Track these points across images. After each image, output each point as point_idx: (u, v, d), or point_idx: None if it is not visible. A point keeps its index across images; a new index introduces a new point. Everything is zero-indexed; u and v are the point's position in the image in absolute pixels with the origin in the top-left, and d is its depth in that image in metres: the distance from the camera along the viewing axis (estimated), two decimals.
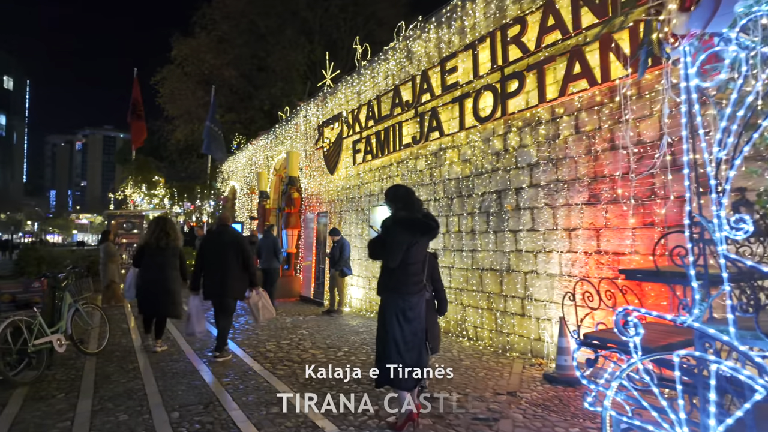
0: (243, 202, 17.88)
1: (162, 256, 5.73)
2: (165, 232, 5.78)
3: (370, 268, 8.91)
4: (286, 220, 11.55)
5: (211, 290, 5.47)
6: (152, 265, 5.71)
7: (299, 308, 9.51)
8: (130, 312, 8.81)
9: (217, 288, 5.43)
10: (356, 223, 9.50)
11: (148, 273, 5.71)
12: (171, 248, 5.80)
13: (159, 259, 5.72)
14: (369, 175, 9.09)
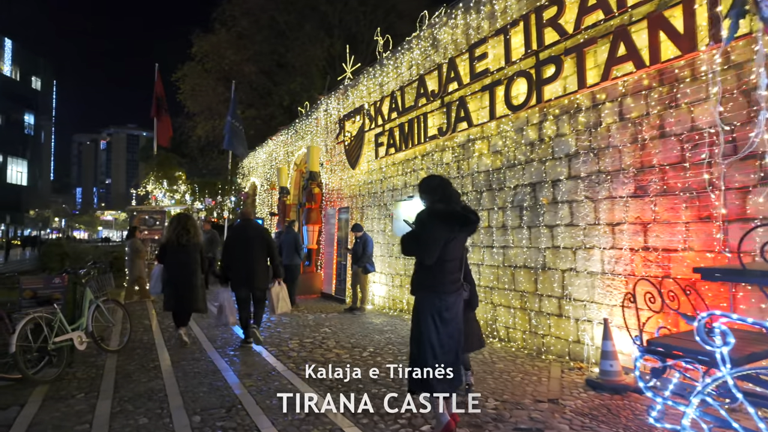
0: (263, 198, 17.82)
1: (184, 253, 5.77)
2: (185, 229, 5.81)
3: (393, 264, 8.65)
4: (307, 216, 11.36)
5: (238, 282, 5.72)
6: (175, 262, 5.75)
7: (321, 305, 9.31)
8: (153, 308, 8.76)
9: (244, 280, 5.68)
10: (378, 218, 9.25)
11: (172, 269, 5.76)
12: (192, 245, 5.82)
13: (181, 256, 5.76)
14: (392, 169, 8.81)
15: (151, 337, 6.33)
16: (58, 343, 4.52)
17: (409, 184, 8.25)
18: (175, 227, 5.82)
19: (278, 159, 15.97)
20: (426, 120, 7.66)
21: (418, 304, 3.16)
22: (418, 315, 3.14)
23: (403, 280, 8.29)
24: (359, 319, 7.70)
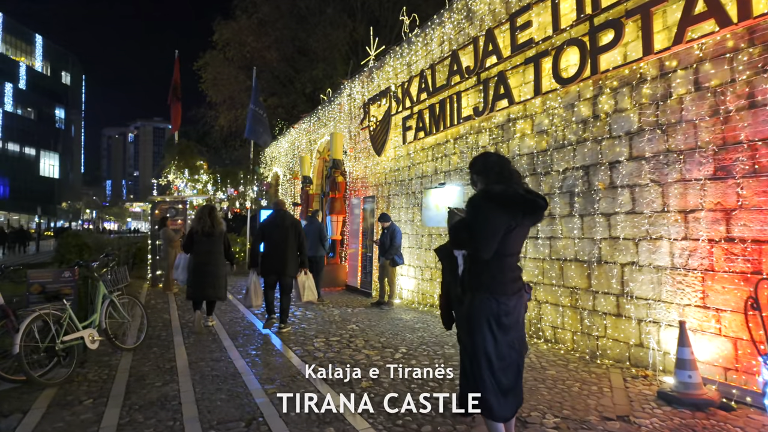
0: (286, 188, 17.50)
1: (209, 243, 5.97)
2: (210, 218, 6.00)
3: (422, 256, 8.11)
4: (331, 206, 10.91)
5: (270, 269, 6.00)
6: (200, 252, 5.96)
7: (346, 299, 8.87)
8: (174, 300, 8.48)
9: (278, 267, 5.96)
10: (406, 207, 8.71)
11: (197, 258, 5.96)
12: (216, 235, 6.02)
13: (206, 246, 5.96)
14: (421, 155, 8.23)
15: (170, 333, 5.99)
16: (67, 342, 4.17)
17: (440, 171, 7.67)
18: (200, 217, 6.03)
19: (300, 148, 15.57)
20: (460, 99, 7.04)
21: (471, 308, 2.62)
22: (470, 321, 2.60)
23: (434, 273, 7.75)
24: (387, 315, 7.21)
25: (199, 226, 5.95)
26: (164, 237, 9.61)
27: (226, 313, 7.33)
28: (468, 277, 2.69)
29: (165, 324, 6.56)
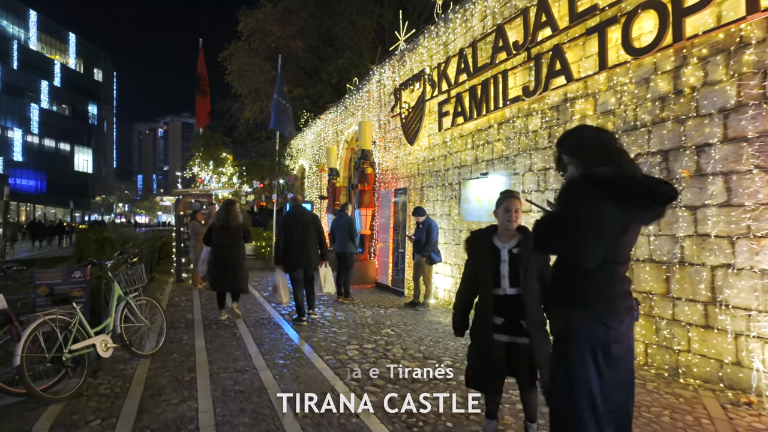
0: (312, 181, 17.08)
1: (226, 236, 6.16)
2: (226, 213, 6.21)
3: (460, 253, 7.45)
4: (359, 199, 10.35)
5: (296, 263, 6.11)
6: (218, 244, 6.18)
7: (377, 297, 8.32)
8: (199, 297, 8.11)
9: (302, 261, 6.12)
10: (442, 200, 8.05)
11: (215, 251, 6.21)
12: (233, 228, 6.18)
13: (224, 239, 6.17)
14: (459, 143, 7.55)
15: (192, 335, 5.55)
16: (76, 351, 3.75)
17: (481, 159, 6.98)
18: (219, 212, 6.35)
19: (327, 139, 15.06)
20: (506, 79, 6.33)
21: (567, 331, 1.98)
22: (566, 349, 1.97)
23: None
24: (424, 318, 6.61)
25: (217, 219, 6.28)
26: (191, 230, 9.30)
27: (252, 312, 6.88)
28: (560, 289, 2.05)
29: (188, 324, 6.14)
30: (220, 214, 6.25)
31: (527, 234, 2.73)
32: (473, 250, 2.77)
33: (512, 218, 2.68)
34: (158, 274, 11.19)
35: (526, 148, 6.03)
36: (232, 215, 6.15)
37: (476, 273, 2.71)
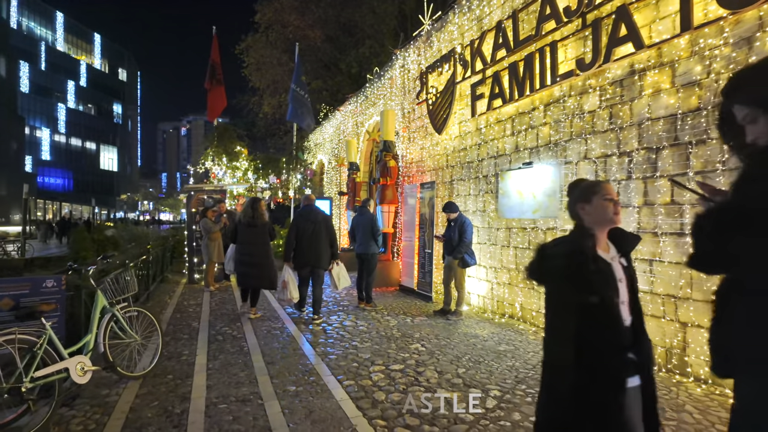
0: (331, 176, 16.37)
1: (252, 234, 6.21)
2: (253, 210, 6.23)
3: (497, 255, 6.59)
4: (381, 194, 9.55)
5: (305, 261, 6.12)
6: (244, 242, 6.23)
7: (402, 303, 7.52)
8: (210, 301, 7.46)
9: (311, 260, 6.11)
10: (475, 195, 7.18)
11: (241, 249, 6.27)
12: (259, 226, 6.20)
13: (249, 237, 6.22)
14: (496, 129, 6.67)
15: (194, 349, 4.86)
16: (40, 380, 3.06)
17: (523, 147, 6.09)
18: (245, 209, 6.33)
19: (346, 132, 14.31)
20: (555, 52, 5.42)
21: None
22: None
23: (513, 277, 6.22)
24: (458, 329, 5.78)
25: (244, 218, 6.23)
26: (203, 228, 8.67)
27: (265, 320, 6.17)
28: (753, 342, 1.21)
29: (191, 335, 5.46)
30: (247, 211, 6.26)
31: (625, 236, 1.89)
32: (582, 272, 1.69)
33: (618, 211, 1.83)
34: (171, 275, 10.66)
35: (581, 132, 5.12)
36: (258, 213, 6.21)
37: (584, 307, 1.74)
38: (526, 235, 5.97)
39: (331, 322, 6.11)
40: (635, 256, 4.41)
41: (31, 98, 59.00)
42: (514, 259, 6.22)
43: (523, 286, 6.02)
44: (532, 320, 5.87)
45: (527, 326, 5.86)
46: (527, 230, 5.94)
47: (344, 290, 8.58)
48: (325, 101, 18.55)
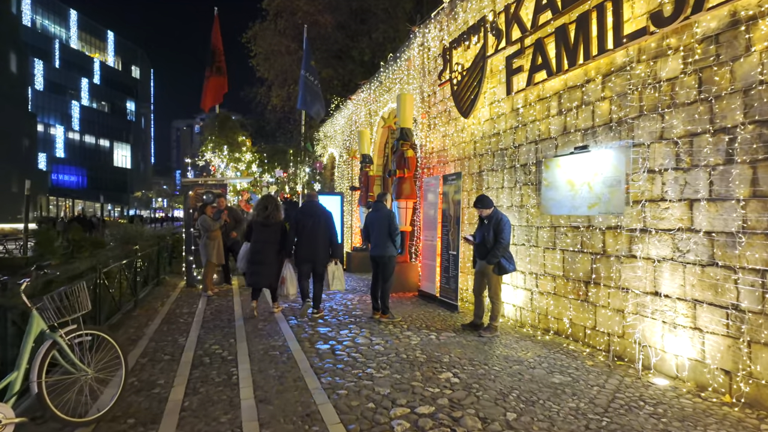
0: (342, 170, 15.40)
1: (266, 232, 6.12)
2: (268, 209, 6.13)
3: (538, 258, 5.54)
4: (398, 188, 8.52)
5: (304, 258, 6.07)
6: (257, 240, 6.14)
7: (423, 313, 6.52)
8: (205, 310, 6.55)
9: (311, 256, 6.05)
10: (509, 187, 6.14)
11: (254, 247, 6.16)
12: (273, 225, 6.13)
13: (263, 235, 6.13)
14: (538, 109, 5.60)
15: (171, 378, 3.92)
16: None
17: (574, 128, 5.02)
18: (259, 207, 6.25)
19: (359, 122, 13.31)
20: (618, 7, 4.33)
21: None
22: None
23: (561, 286, 5.17)
24: (495, 350, 4.76)
25: (259, 216, 6.15)
26: (202, 226, 7.78)
27: (263, 337, 5.23)
28: None
29: (174, 355, 4.53)
30: (260, 210, 6.20)
31: None
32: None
33: None
34: (169, 276, 9.82)
35: (654, 107, 4.04)
36: (273, 212, 6.15)
37: None
38: (578, 235, 4.90)
39: (341, 338, 5.13)
40: (737, 264, 3.35)
41: (46, 96, 59.21)
42: (561, 265, 5.16)
43: (574, 297, 4.96)
44: (585, 339, 4.82)
45: (579, 347, 4.81)
46: (580, 230, 4.88)
47: (356, 297, 7.65)
48: (336, 91, 17.56)
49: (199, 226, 7.84)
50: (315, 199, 6.37)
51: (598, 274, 4.65)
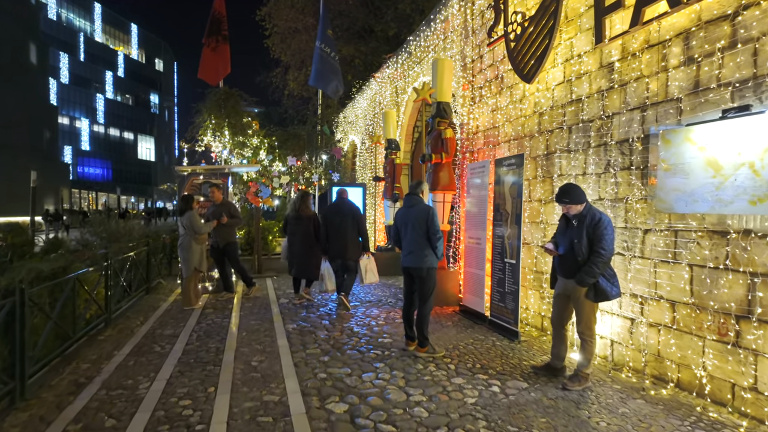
0: (364, 159, 13.85)
1: (298, 225, 6.49)
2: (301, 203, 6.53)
3: (643, 274, 3.85)
4: (434, 177, 6.85)
5: (335, 254, 6.28)
6: (291, 233, 6.58)
7: (472, 341, 4.94)
8: (187, 337, 5.12)
9: (341, 251, 6.24)
10: (596, 174, 4.45)
11: (289, 239, 6.62)
12: (304, 218, 6.46)
13: (296, 228, 6.51)
14: (646, 59, 3.88)
15: None
16: None
17: (715, 81, 3.29)
18: (294, 203, 6.66)
19: (384, 103, 11.70)
20: None
21: None
22: None
23: (686, 317, 3.48)
24: (596, 417, 3.13)
25: (291, 211, 6.61)
26: (188, 225, 6.33)
27: (254, 385, 3.73)
28: None
29: (117, 424, 3.07)
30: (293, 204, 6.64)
31: None
32: None
33: None
34: (166, 281, 8.50)
35: None
36: (304, 206, 6.52)
37: None
38: (724, 244, 3.21)
39: (363, 389, 3.59)
40: None
41: (71, 89, 59.57)
42: (688, 287, 3.47)
43: (714, 338, 3.27)
44: (738, 405, 3.13)
45: (728, 415, 3.13)
46: (728, 236, 3.18)
47: (382, 312, 6.12)
48: (357, 72, 15.97)
49: (182, 225, 6.35)
50: (345, 197, 6.53)
51: (763, 306, 2.96)
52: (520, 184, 5.11)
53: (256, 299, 7.03)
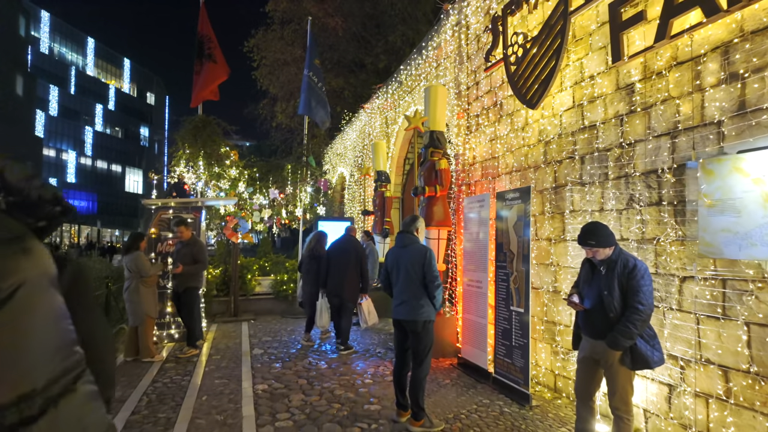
0: (353, 191, 13.27)
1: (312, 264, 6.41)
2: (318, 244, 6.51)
3: (680, 330, 3.18)
4: (427, 211, 6.23)
5: (332, 291, 6.16)
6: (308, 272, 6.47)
7: (475, 407, 4.17)
8: (134, 404, 4.28)
9: (338, 290, 6.10)
10: (616, 210, 3.84)
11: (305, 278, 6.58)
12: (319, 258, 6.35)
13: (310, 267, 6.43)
14: (675, 78, 3.35)
15: None
16: None
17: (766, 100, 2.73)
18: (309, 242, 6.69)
19: (373, 134, 11.23)
20: None
21: None
22: None
23: (746, 389, 2.79)
24: None
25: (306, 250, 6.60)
26: (133, 267, 5.49)
27: None
28: None
29: None
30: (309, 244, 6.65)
31: None
32: None
33: None
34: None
35: None
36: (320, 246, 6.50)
37: None
38: None
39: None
40: None
41: (59, 121, 59.10)
42: (746, 350, 2.80)
43: None
44: None
45: None
46: None
47: (369, 365, 5.32)
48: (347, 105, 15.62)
49: (130, 267, 5.53)
50: (353, 234, 6.51)
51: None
52: (527, 221, 4.48)
53: (227, 350, 6.18)
